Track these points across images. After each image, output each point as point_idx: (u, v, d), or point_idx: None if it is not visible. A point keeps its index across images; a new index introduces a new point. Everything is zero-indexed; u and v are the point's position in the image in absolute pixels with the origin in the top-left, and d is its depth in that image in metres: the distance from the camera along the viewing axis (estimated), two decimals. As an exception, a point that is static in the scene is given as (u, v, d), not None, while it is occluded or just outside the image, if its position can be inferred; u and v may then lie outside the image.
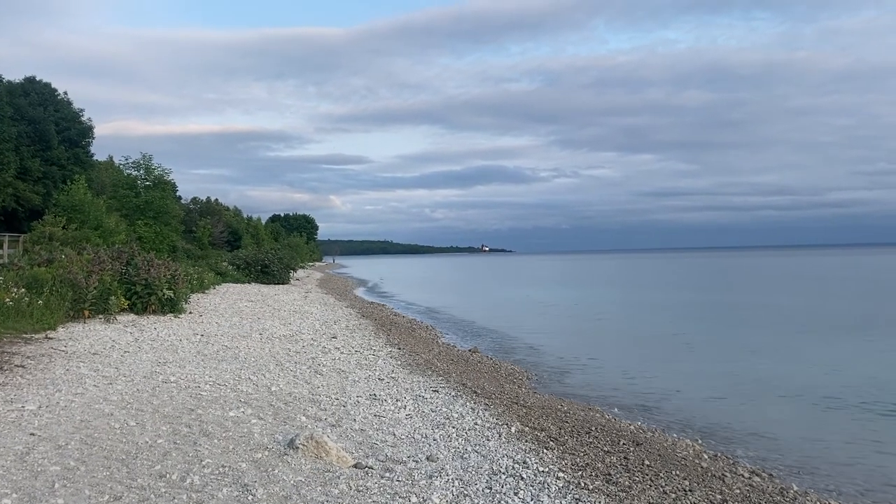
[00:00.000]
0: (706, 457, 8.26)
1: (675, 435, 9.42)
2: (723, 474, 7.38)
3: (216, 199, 71.05)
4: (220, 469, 5.55)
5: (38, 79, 48.87)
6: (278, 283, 35.54)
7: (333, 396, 8.93)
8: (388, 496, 5.30)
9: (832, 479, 7.92)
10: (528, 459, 6.75)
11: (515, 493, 5.71)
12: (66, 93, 49.83)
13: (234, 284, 30.49)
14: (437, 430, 7.57)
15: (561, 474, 6.41)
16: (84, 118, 50.15)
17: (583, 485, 6.22)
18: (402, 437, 7.19)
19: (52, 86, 49.05)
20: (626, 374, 14.43)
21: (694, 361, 16.23)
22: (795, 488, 7.36)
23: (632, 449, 7.93)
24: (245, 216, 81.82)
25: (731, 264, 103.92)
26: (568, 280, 63.33)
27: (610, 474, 6.73)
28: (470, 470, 6.21)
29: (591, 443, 8.03)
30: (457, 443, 7.14)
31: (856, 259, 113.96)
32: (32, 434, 6.20)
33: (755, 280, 56.82)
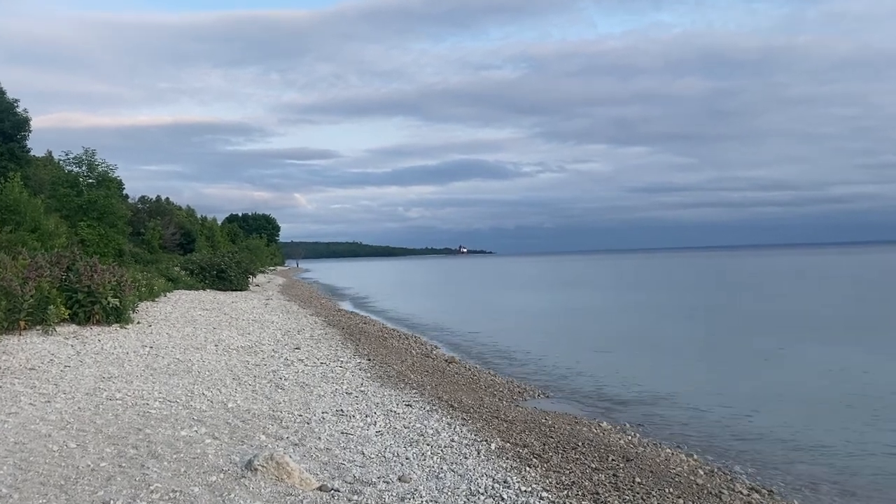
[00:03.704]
0: (702, 473, 8.32)
1: (668, 449, 9.48)
2: (720, 491, 7.44)
3: (167, 198, 70.36)
4: (171, 494, 5.48)
5: (-36, 66, 47.97)
6: (236, 290, 35.27)
7: (296, 413, 8.89)
8: (356, 521, 5.27)
9: (836, 496, 8.03)
10: (509, 478, 6.75)
11: (495, 516, 5.71)
12: (-3, 81, 49.00)
13: (187, 291, 30.20)
14: (410, 448, 7.56)
15: (545, 494, 6.42)
16: (19, 109, 49.37)
17: (569, 505, 6.23)
18: (372, 456, 7.17)
19: (-18, 74, 48.18)
20: (615, 383, 14.52)
21: (689, 369, 16.39)
22: (797, 505, 7.45)
23: (622, 465, 7.97)
24: (199, 216, 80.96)
25: (728, 264, 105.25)
26: (553, 283, 63.66)
27: (598, 493, 6.75)
28: (446, 491, 6.20)
29: (577, 459, 8.06)
30: (432, 461, 7.13)
31: (860, 258, 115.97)
32: (-41, 459, 6.08)
33: (754, 280, 57.59)
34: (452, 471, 6.85)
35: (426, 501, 5.87)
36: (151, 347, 13.77)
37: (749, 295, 40.73)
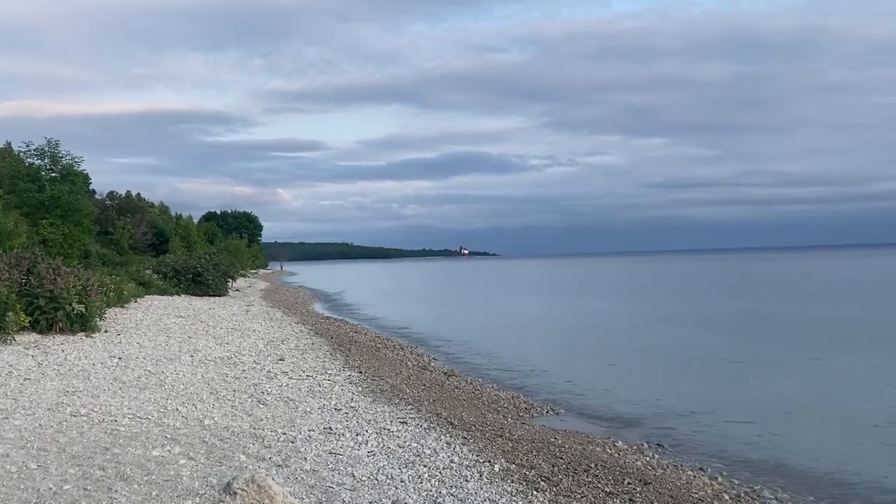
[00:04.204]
0: (727, 497, 8.36)
1: (690, 472, 9.51)
2: (746, 517, 7.47)
3: (139, 194, 70.43)
4: (141, 520, 5.50)
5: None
6: (213, 295, 35.30)
7: (280, 431, 8.91)
8: (346, 549, 5.30)
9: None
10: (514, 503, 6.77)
11: (499, 544, 5.74)
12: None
13: (159, 297, 30.22)
14: (405, 470, 7.58)
15: (553, 520, 6.45)
16: (-26, 95, 49.40)
17: (579, 532, 6.26)
18: (363, 478, 7.19)
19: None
20: (631, 398, 14.54)
21: (712, 383, 16.40)
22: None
23: (639, 489, 8.00)
24: (174, 214, 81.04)
25: (755, 268, 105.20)
26: (562, 288, 63.70)
27: (612, 519, 6.78)
28: (444, 516, 6.22)
29: (590, 482, 8.09)
30: (429, 485, 7.16)
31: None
32: None
33: (784, 286, 57.51)
34: (452, 495, 6.88)
35: (422, 528, 5.90)
36: (120, 358, 13.78)
37: (779, 302, 40.70)
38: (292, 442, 8.41)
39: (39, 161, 36.60)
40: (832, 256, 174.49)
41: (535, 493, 7.30)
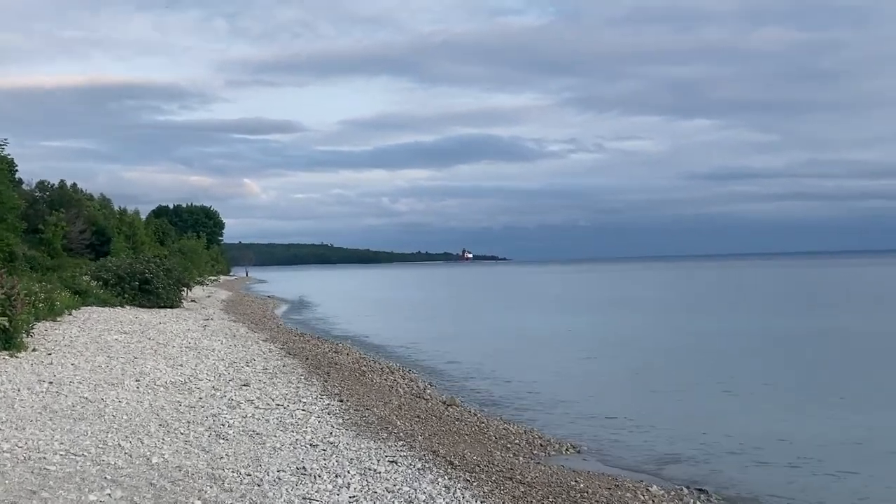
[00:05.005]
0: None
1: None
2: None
3: (75, 185, 70.50)
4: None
5: None
6: (165, 307, 35.32)
7: (243, 471, 8.86)
8: None
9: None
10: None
11: None
12: None
13: (99, 308, 30.17)
14: (395, 520, 7.51)
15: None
16: None
17: None
18: (345, 529, 7.12)
19: None
20: (669, 433, 14.52)
21: (768, 414, 16.34)
22: None
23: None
24: (117, 208, 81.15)
25: (826, 275, 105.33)
26: (586, 300, 63.70)
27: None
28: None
29: (619, 535, 8.02)
30: (425, 538, 7.08)
31: None
32: None
33: (865, 299, 57.13)
34: (452, 550, 6.80)
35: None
36: (51, 382, 13.70)
37: (856, 315, 40.67)
38: (258, 485, 8.35)
39: (-46, 145, 36.59)
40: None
41: (553, 548, 7.23)
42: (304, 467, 9.24)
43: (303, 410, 13.14)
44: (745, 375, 21.96)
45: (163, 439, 10.17)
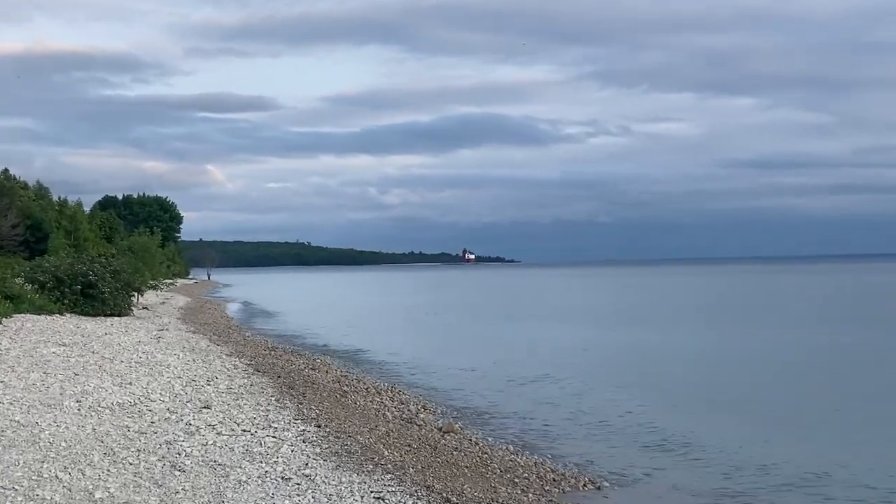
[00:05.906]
0: None
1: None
2: None
3: (6, 171, 70.73)
4: None
5: None
6: (112, 315, 35.35)
7: (204, 507, 9.03)
8: None
9: None
10: None
11: None
12: None
13: (34, 316, 30.27)
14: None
15: None
16: None
17: None
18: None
19: None
20: (711, 466, 14.62)
21: (832, 439, 16.50)
22: None
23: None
24: (57, 199, 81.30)
25: (890, 282, 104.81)
26: (608, 309, 63.57)
27: None
28: None
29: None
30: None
31: None
32: None
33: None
34: None
35: None
36: (-24, 403, 13.83)
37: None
38: (222, 523, 8.53)
39: None
40: None
41: None
42: None
43: (273, 437, 13.21)
44: (810, 395, 22.20)
45: (108, 470, 10.28)
